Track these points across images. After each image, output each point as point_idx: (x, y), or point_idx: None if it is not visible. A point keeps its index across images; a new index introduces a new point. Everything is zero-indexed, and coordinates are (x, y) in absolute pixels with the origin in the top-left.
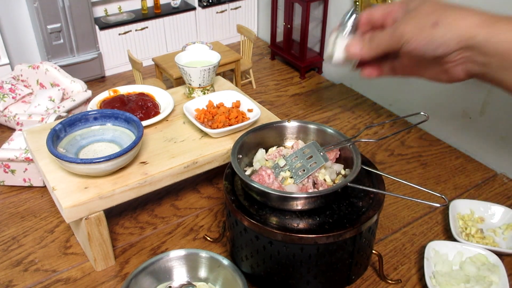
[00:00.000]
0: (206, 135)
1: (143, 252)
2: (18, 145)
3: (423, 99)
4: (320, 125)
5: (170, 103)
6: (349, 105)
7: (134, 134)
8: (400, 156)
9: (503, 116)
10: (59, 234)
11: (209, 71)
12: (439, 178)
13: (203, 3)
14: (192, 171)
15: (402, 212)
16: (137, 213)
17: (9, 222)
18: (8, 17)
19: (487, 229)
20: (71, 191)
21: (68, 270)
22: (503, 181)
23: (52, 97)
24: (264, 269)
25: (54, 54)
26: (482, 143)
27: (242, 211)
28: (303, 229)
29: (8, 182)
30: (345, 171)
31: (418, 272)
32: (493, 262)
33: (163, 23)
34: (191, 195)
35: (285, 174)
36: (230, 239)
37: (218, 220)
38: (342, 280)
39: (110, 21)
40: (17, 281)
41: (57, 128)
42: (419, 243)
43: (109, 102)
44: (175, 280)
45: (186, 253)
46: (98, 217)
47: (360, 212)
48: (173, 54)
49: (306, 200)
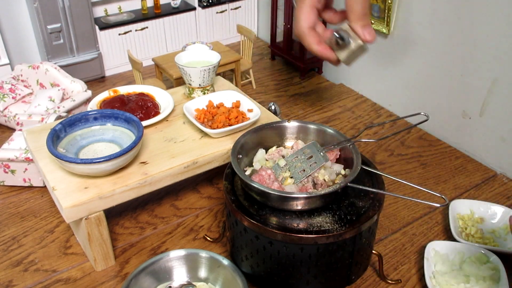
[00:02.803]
0: (206, 135)
1: (143, 252)
2: (18, 145)
3: (423, 99)
4: (320, 125)
5: (170, 103)
6: (349, 105)
7: (134, 134)
8: (400, 156)
9: (503, 116)
10: (59, 234)
11: (209, 71)
12: (439, 178)
13: (203, 3)
14: (192, 171)
15: (402, 212)
16: (137, 213)
17: (9, 222)
18: (8, 17)
19: (487, 229)
20: (71, 191)
21: (68, 270)
22: (503, 181)
23: (52, 97)
24: (264, 269)
25: (54, 54)
26: (482, 143)
27: (242, 211)
28: (303, 229)
29: (8, 182)
30: (345, 171)
31: (418, 272)
32: (493, 262)
33: (163, 23)
34: (191, 195)
35: (285, 174)
36: (230, 239)
37: (218, 220)
38: (342, 280)
39: (110, 21)
40: (17, 281)
41: (57, 128)
42: (419, 243)
43: (109, 102)
44: (175, 280)
45: (186, 253)
46: (98, 217)
47: (360, 212)
48: (173, 54)
49: (306, 200)
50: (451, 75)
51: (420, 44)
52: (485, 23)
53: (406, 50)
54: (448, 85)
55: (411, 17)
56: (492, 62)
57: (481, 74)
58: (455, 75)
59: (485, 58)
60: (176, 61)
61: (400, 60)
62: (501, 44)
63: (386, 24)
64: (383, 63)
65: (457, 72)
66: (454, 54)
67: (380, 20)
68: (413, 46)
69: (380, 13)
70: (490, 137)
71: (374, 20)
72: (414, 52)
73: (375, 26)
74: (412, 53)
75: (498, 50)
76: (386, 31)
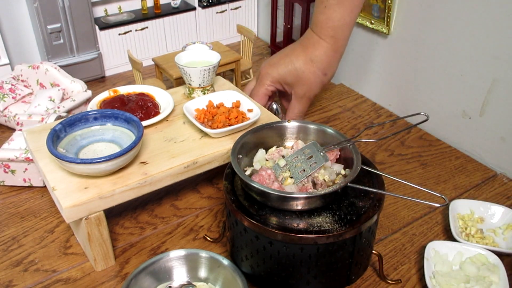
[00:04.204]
0: (206, 135)
1: (143, 252)
2: (18, 145)
3: (423, 99)
4: (320, 125)
5: (170, 103)
6: (349, 105)
7: (134, 134)
8: (400, 156)
9: (503, 116)
10: (59, 234)
11: (209, 71)
12: (439, 178)
13: (203, 3)
14: (192, 171)
15: (402, 212)
16: (137, 213)
17: (9, 222)
18: (8, 17)
19: (487, 229)
20: (71, 191)
21: (68, 270)
22: (503, 181)
23: (52, 97)
24: (264, 269)
25: (54, 54)
26: (482, 143)
27: (242, 211)
28: (303, 229)
29: (8, 182)
30: (345, 171)
31: (418, 272)
32: (493, 262)
33: (163, 23)
34: (191, 195)
35: (285, 174)
36: (230, 239)
37: (218, 220)
38: (342, 280)
39: (110, 21)
40: (17, 281)
41: (57, 128)
42: (419, 243)
43: (109, 102)
44: (175, 280)
45: (186, 253)
46: (98, 217)
47: (360, 212)
48: (173, 54)
49: (306, 200)
50: (451, 75)
51: (420, 44)
52: (485, 23)
53: (406, 50)
54: (448, 85)
55: (411, 17)
56: (492, 62)
57: (481, 74)
58: (454, 75)
59: (485, 58)
60: (176, 61)
61: (400, 60)
62: (501, 44)
63: (386, 24)
64: (383, 63)
65: (457, 72)
66: (454, 54)
67: (380, 20)
68: (413, 46)
69: (380, 13)
70: (490, 137)
71: (374, 20)
72: (414, 52)
73: (375, 26)
74: (412, 53)
75: (498, 50)
76: (386, 31)
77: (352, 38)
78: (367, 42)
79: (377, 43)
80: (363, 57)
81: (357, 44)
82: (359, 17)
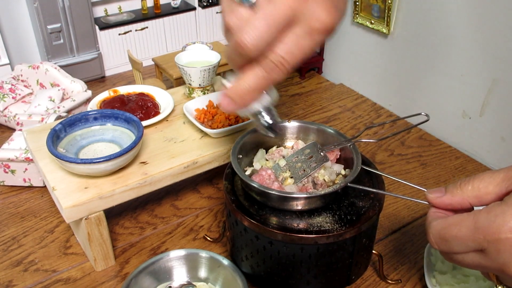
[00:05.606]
0: (206, 135)
1: (143, 252)
2: (18, 145)
3: (423, 99)
4: (320, 125)
5: (170, 103)
6: (349, 105)
7: (134, 134)
8: (400, 156)
9: (503, 116)
10: (59, 234)
11: (209, 71)
12: (439, 178)
13: (203, 3)
14: (192, 171)
15: (402, 212)
16: (137, 213)
17: (9, 222)
18: (8, 17)
19: None
20: (71, 191)
21: (68, 270)
22: None
23: (52, 97)
24: (264, 269)
25: (54, 54)
26: (482, 143)
27: (242, 211)
28: (303, 229)
29: (8, 182)
30: (345, 171)
31: (418, 272)
32: None
33: (163, 23)
34: (191, 195)
35: (285, 174)
36: (230, 239)
37: (218, 220)
38: (342, 280)
39: (110, 21)
40: (17, 281)
41: (57, 128)
42: (419, 243)
43: (109, 102)
44: (175, 280)
45: (186, 253)
46: (98, 217)
47: (360, 212)
48: (173, 54)
49: (306, 200)
50: (451, 75)
51: (420, 44)
52: (485, 23)
53: (406, 50)
54: (448, 85)
55: (411, 17)
56: (492, 62)
57: (481, 74)
58: (455, 75)
59: (485, 58)
60: (176, 61)
61: (400, 60)
62: (501, 44)
63: (386, 24)
64: (383, 63)
65: (457, 72)
66: (454, 54)
67: (380, 20)
68: (413, 46)
69: (380, 13)
70: (490, 137)
71: (374, 20)
72: (414, 52)
73: (375, 26)
74: (412, 53)
75: (498, 50)
76: (386, 31)
77: (352, 38)
78: (367, 42)
79: (377, 43)
80: (363, 57)
81: (357, 44)
82: (359, 17)
